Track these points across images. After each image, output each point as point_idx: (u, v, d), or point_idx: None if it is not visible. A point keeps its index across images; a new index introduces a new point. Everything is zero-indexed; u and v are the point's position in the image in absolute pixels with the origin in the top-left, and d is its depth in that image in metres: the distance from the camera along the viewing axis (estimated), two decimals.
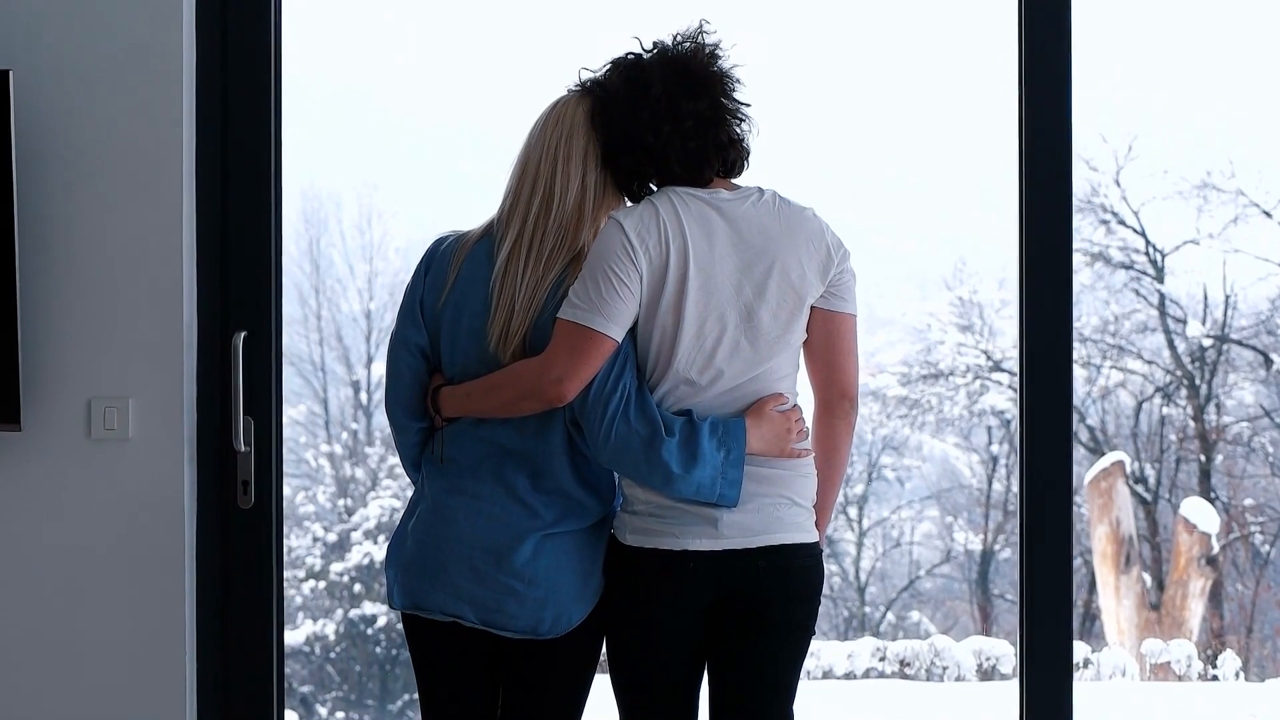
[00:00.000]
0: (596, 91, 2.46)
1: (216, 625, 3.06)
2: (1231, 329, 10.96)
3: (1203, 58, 11.23)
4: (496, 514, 2.42)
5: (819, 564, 2.47)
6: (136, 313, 2.99)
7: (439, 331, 2.47)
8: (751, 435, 2.37)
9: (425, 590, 2.45)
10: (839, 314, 2.46)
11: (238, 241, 3.05)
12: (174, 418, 3.00)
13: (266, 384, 3.05)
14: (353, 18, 12.19)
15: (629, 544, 2.43)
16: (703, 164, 2.41)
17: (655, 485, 2.37)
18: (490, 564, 2.41)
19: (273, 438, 3.03)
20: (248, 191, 3.05)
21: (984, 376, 11.72)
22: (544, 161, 2.44)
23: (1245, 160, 10.87)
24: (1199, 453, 10.88)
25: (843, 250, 2.45)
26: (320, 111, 11.67)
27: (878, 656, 7.71)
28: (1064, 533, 2.96)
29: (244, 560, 3.05)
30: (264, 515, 3.04)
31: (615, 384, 2.36)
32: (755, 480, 2.40)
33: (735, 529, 2.38)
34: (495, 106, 10.26)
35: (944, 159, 12.08)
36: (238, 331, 3.02)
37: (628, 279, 2.34)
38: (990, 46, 10.05)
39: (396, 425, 2.55)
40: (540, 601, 2.40)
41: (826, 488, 2.53)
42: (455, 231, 2.54)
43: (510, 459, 2.44)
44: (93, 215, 3.00)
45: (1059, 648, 2.98)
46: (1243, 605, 10.48)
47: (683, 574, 2.38)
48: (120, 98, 2.99)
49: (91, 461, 3.01)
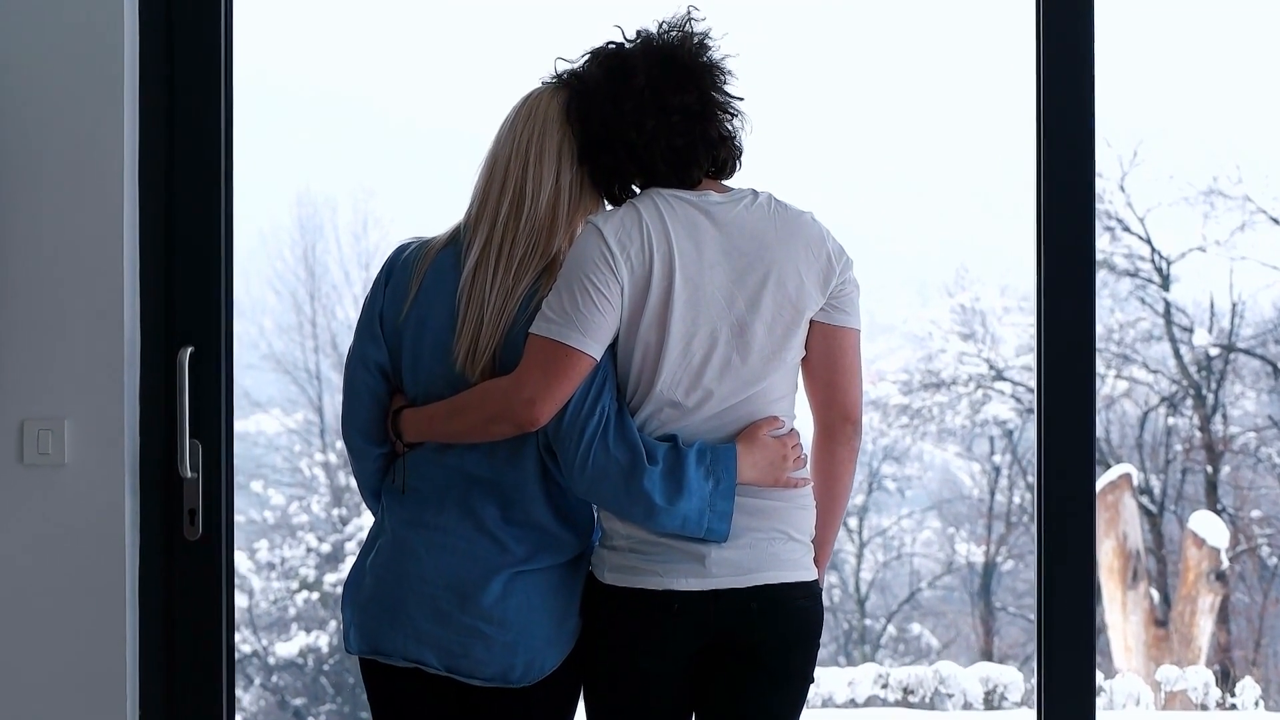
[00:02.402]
0: (573, 83, 2.37)
1: (161, 668, 2.98)
2: (1239, 337, 11.10)
3: (1208, 61, 11.44)
4: (462, 549, 2.34)
5: (818, 605, 2.38)
6: (73, 326, 2.93)
7: (400, 348, 2.39)
8: (743, 463, 2.29)
9: (384, 633, 2.36)
10: (841, 328, 2.37)
11: (184, 248, 2.97)
12: (114, 441, 2.92)
13: (215, 404, 2.96)
14: (351, 21, 12.51)
15: (608, 583, 2.33)
16: (690, 163, 2.33)
17: (636, 518, 2.28)
18: (455, 604, 2.32)
19: (222, 462, 2.95)
20: (195, 194, 2.97)
21: (986, 385, 11.86)
22: (514, 159, 2.36)
23: (1252, 165, 10.99)
24: (1205, 463, 11.01)
25: (845, 258, 2.36)
26: (317, 116, 12.08)
27: (880, 683, 7.78)
28: (1086, 553, 2.90)
29: (191, 597, 2.95)
30: (213, 547, 2.95)
31: (593, 406, 2.27)
32: (747, 513, 2.31)
33: (725, 567, 2.29)
34: (495, 112, 10.37)
35: (944, 162, 12.32)
36: (183, 347, 2.93)
37: (607, 290, 2.26)
38: (993, 47, 10.25)
39: (354, 450, 2.46)
40: (510, 646, 2.32)
41: (827, 520, 2.43)
42: (419, 238, 2.46)
43: (478, 488, 2.36)
44: (24, 220, 2.93)
45: (1081, 678, 2.90)
46: (1250, 619, 10.59)
47: (667, 617, 2.29)
48: (54, 93, 2.93)
49: (23, 489, 2.93)
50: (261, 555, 11.85)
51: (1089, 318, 2.91)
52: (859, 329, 2.39)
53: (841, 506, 2.45)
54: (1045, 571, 2.92)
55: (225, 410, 2.96)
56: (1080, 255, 2.91)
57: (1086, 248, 2.91)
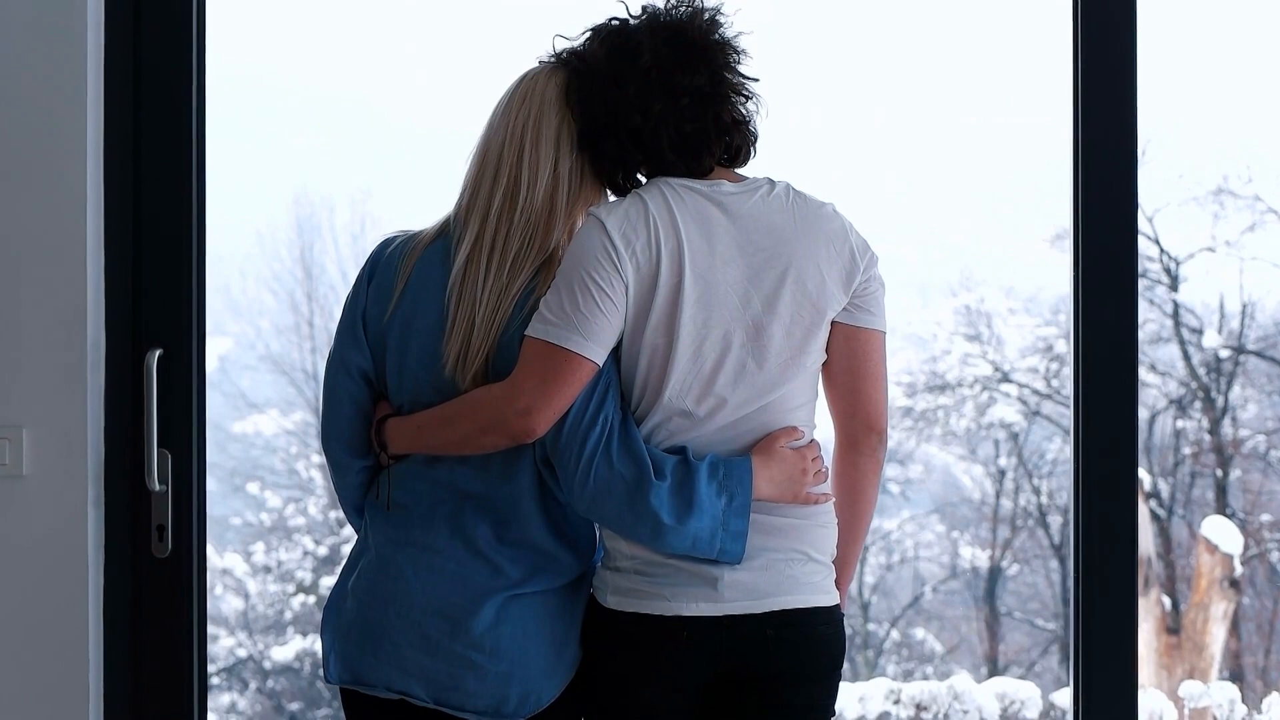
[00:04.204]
0: (573, 63, 2.31)
1: (127, 696, 2.92)
2: (1249, 339, 11.14)
3: (1218, 59, 11.61)
4: (452, 570, 2.29)
5: (839, 632, 2.31)
6: (31, 326, 2.88)
7: (384, 351, 2.34)
8: (759, 477, 2.23)
9: (367, 661, 2.31)
10: (865, 330, 2.31)
11: (153, 243, 2.91)
12: (76, 451, 2.86)
13: (186, 411, 2.91)
14: (349, 22, 12.76)
15: (611, 607, 2.27)
16: (701, 150, 2.27)
17: (643, 538, 2.22)
18: (445, 631, 2.27)
19: (194, 474, 2.89)
20: (165, 186, 2.92)
21: (991, 388, 11.91)
22: (508, 146, 2.30)
23: (1263, 164, 11.02)
24: (1215, 467, 11.01)
25: (869, 254, 2.31)
26: (314, 116, 12.21)
27: (891, 699, 7.84)
28: (1128, 588, 2.83)
29: (160, 618, 2.90)
30: (182, 565, 2.89)
31: (595, 416, 2.22)
32: (763, 531, 2.25)
33: (739, 590, 2.23)
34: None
35: (945, 162, 12.45)
36: (152, 349, 2.86)
37: (610, 289, 2.20)
38: (992, 47, 10.56)
39: (335, 463, 2.41)
40: (504, 676, 2.26)
41: (849, 539, 2.38)
42: (405, 231, 2.41)
43: (469, 505, 2.31)
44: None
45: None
46: (1260, 626, 10.59)
47: (675, 645, 2.23)
48: (13, 77, 2.88)
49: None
50: (258, 558, 11.99)
51: (1131, 329, 2.86)
52: (884, 331, 2.33)
53: (865, 524, 2.40)
54: (1083, 605, 2.87)
55: (197, 418, 2.91)
56: (1121, 259, 2.85)
57: (1128, 251, 2.85)
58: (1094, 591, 2.84)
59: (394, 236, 2.38)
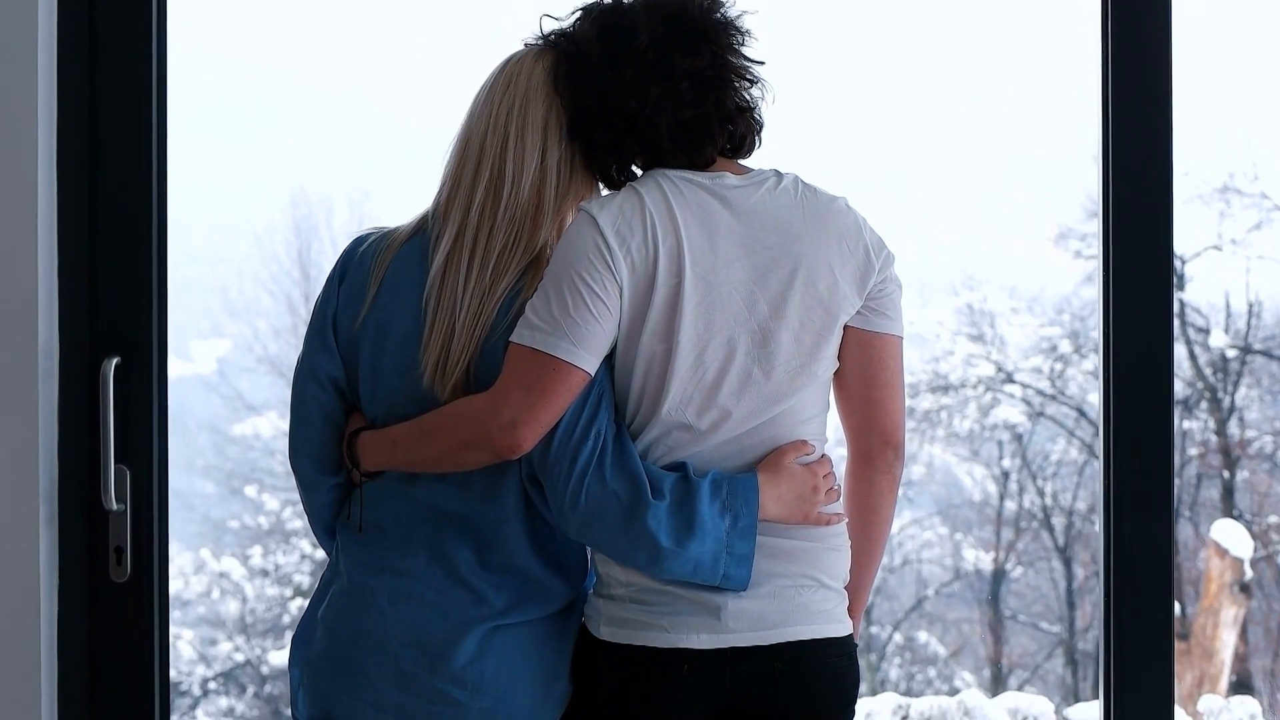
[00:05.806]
0: (563, 45, 2.25)
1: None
2: (1255, 338, 11.24)
3: (1222, 54, 12.19)
4: (431, 599, 2.22)
5: (853, 664, 2.25)
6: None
7: (357, 359, 2.27)
8: (766, 496, 2.17)
9: (338, 697, 2.25)
10: (881, 335, 2.24)
11: (109, 243, 2.81)
12: (27, 467, 2.74)
13: (147, 424, 2.81)
14: (346, 22, 13.08)
15: (604, 638, 2.21)
16: (702, 138, 2.20)
17: (639, 563, 2.16)
18: (422, 665, 2.21)
19: (154, 492, 2.77)
20: (121, 182, 2.82)
21: (995, 388, 12.01)
22: (491, 135, 2.23)
23: (1269, 162, 11.11)
24: (1221, 468, 11.08)
25: (885, 252, 2.24)
26: (311, 117, 12.27)
27: (899, 715, 7.80)
28: (1165, 613, 2.70)
29: (118, 648, 2.79)
30: (143, 590, 2.78)
31: (586, 430, 2.16)
32: (771, 555, 2.18)
33: (744, 620, 2.17)
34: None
35: (946, 162, 12.63)
36: (108, 357, 2.76)
37: (602, 291, 2.14)
38: (993, 48, 10.53)
39: (303, 480, 2.35)
40: (487, 714, 2.19)
41: (864, 562, 2.31)
42: (380, 228, 2.34)
43: (450, 527, 2.24)
44: None
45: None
46: (1268, 629, 10.62)
47: (675, 679, 2.17)
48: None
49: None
50: (255, 561, 12.18)
51: (1167, 337, 2.75)
52: (902, 336, 2.26)
53: (880, 546, 2.34)
54: (1114, 630, 2.77)
55: (158, 431, 2.81)
56: (1157, 259, 2.74)
57: (1165, 248, 2.73)
58: (1124, 612, 2.74)
59: (367, 234, 2.32)
